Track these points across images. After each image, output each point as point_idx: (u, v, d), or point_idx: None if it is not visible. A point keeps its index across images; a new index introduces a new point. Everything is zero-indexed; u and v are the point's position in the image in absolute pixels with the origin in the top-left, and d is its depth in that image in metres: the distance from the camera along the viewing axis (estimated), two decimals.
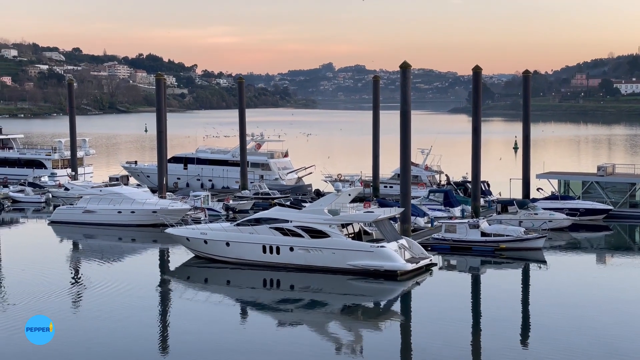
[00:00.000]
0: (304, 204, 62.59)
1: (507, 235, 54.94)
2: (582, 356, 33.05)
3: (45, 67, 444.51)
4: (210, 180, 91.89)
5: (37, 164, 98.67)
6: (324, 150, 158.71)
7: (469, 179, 72.65)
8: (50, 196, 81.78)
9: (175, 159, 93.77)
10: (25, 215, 76.38)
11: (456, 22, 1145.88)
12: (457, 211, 67.07)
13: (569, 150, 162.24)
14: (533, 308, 42.11)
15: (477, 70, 67.62)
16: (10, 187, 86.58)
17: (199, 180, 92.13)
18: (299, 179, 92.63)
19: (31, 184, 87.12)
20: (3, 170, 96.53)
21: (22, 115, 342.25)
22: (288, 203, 67.37)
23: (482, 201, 69.29)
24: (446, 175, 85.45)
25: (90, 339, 35.39)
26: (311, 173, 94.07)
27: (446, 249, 54.88)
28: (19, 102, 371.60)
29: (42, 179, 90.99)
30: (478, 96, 68.69)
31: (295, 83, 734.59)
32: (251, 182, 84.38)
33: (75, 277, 49.75)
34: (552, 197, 69.38)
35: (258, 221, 51.16)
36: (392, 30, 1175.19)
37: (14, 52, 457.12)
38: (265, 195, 78.09)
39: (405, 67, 58.54)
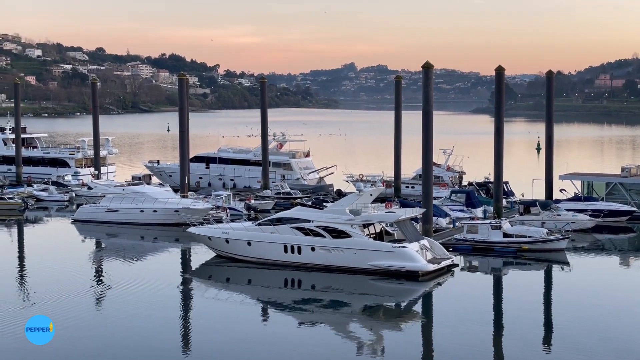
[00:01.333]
0: (325, 204, 62.56)
1: (529, 237, 54.64)
2: None
3: (69, 66, 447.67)
4: (232, 180, 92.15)
5: (61, 163, 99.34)
6: (346, 150, 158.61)
7: (491, 179, 72.32)
8: (74, 195, 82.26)
9: (197, 159, 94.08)
10: (48, 213, 76.93)
11: (479, 22, 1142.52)
12: (479, 212, 66.80)
13: (593, 151, 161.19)
14: (555, 310, 41.88)
15: (500, 70, 67.29)
16: (34, 185, 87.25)
17: (221, 179, 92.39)
18: (321, 178, 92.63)
19: (55, 183, 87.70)
20: (27, 169, 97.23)
21: (46, 115, 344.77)
22: (309, 203, 67.32)
23: (504, 202, 68.94)
24: (460, 175, 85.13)
25: (112, 337, 35.58)
26: (333, 173, 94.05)
27: (468, 249, 54.67)
28: (43, 101, 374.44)
29: (66, 177, 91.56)
30: (501, 96, 68.31)
31: (317, 83, 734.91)
32: (273, 182, 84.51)
33: (98, 275, 50.05)
34: (575, 198, 68.92)
35: (279, 221, 51.22)
36: (414, 30, 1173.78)
37: (38, 52, 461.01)
38: (287, 195, 78.16)
39: (427, 67, 58.39)
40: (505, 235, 55.01)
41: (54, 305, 40.23)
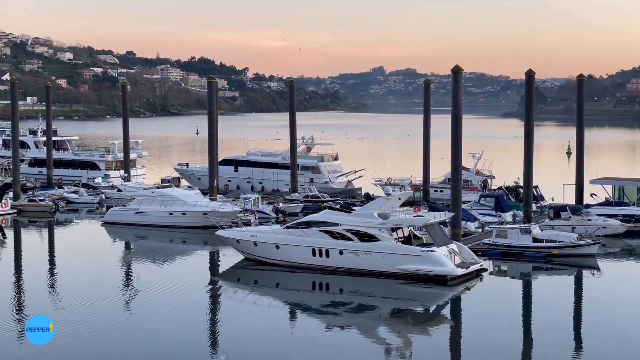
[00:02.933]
0: (353, 208, 62.43)
1: (559, 242, 54.15)
2: None
3: (99, 70, 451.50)
4: (260, 183, 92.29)
5: (91, 166, 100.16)
6: (375, 153, 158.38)
7: (521, 183, 71.79)
8: (104, 197, 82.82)
9: (226, 162, 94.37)
10: (79, 215, 77.53)
11: (509, 25, 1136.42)
12: (508, 216, 66.33)
13: (624, 156, 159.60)
14: (585, 316, 41.45)
15: (530, 74, 66.80)
16: (65, 187, 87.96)
17: (250, 182, 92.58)
18: (349, 182, 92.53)
19: (85, 185, 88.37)
20: (58, 171, 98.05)
21: (77, 118, 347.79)
22: (338, 206, 67.16)
23: (534, 206, 68.42)
24: (484, 180, 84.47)
25: (140, 339, 35.77)
26: (361, 176, 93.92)
27: (497, 254, 54.28)
28: (74, 104, 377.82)
29: (96, 180, 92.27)
30: (531, 100, 67.78)
31: (345, 86, 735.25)
32: (301, 185, 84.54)
33: (127, 277, 50.35)
34: (606, 203, 68.20)
35: (308, 224, 51.19)
36: (443, 34, 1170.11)
37: (69, 55, 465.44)
38: (315, 198, 78.14)
39: (456, 70, 58.14)
40: (535, 240, 54.57)
41: (84, 307, 40.48)
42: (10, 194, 77.61)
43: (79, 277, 48.50)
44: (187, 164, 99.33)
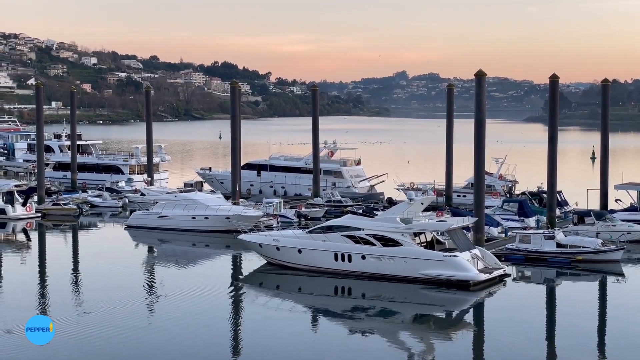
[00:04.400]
0: (376, 212, 62.38)
1: (583, 247, 53.75)
2: None
3: (123, 74, 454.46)
4: (283, 187, 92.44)
5: (115, 170, 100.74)
6: (397, 158, 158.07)
7: (544, 188, 71.38)
8: (127, 201, 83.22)
9: (249, 166, 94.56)
10: (102, 219, 77.97)
11: (533, 29, 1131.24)
12: (531, 221, 65.97)
13: None
14: (610, 323, 41.08)
15: (554, 78, 66.44)
16: (89, 191, 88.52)
17: (272, 187, 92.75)
18: (372, 187, 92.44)
19: (109, 189, 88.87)
20: (82, 175, 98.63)
21: (101, 122, 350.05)
22: (360, 211, 67.22)
23: (558, 212, 68.00)
24: (510, 187, 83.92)
25: (161, 343, 35.88)
26: (384, 181, 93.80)
27: (520, 259, 53.97)
28: (98, 109, 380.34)
29: (119, 184, 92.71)
30: (555, 105, 67.38)
31: (368, 91, 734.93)
32: (323, 190, 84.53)
33: (149, 281, 50.55)
34: (631, 208, 67.63)
35: (330, 229, 51.16)
36: (466, 38, 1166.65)
37: (94, 60, 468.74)
38: (338, 202, 78.10)
39: (480, 75, 57.96)
40: (559, 245, 54.19)
41: (107, 310, 40.69)
42: (35, 198, 78.26)
43: (102, 280, 48.76)
44: (209, 168, 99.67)
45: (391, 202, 75.20)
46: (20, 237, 68.83)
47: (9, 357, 33.21)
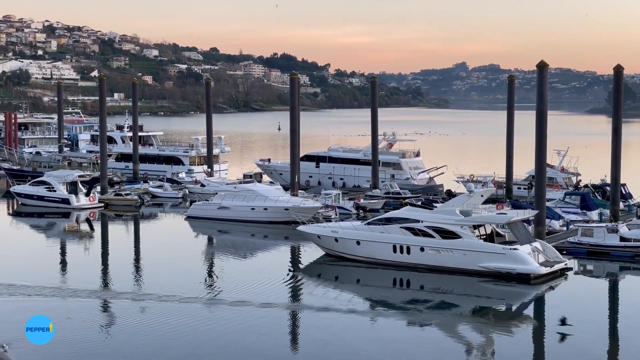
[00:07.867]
0: (435, 204, 61.97)
1: None
2: None
3: (184, 66, 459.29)
4: (341, 179, 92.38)
5: (175, 161, 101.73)
6: (456, 150, 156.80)
7: (608, 181, 70.06)
8: (187, 192, 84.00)
9: (308, 157, 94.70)
10: (163, 210, 78.94)
11: (595, 18, 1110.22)
12: (594, 215, 64.80)
13: None
14: None
15: (618, 69, 65.07)
16: (150, 182, 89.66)
17: (331, 178, 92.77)
18: (431, 179, 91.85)
19: (169, 180, 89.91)
20: (144, 166, 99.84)
21: (162, 113, 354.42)
22: (419, 203, 66.85)
23: (621, 205, 66.70)
24: (569, 179, 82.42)
25: (219, 333, 36.21)
26: (443, 173, 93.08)
27: (582, 253, 53.06)
28: (159, 100, 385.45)
29: (180, 175, 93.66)
30: (619, 96, 66.08)
31: (427, 82, 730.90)
32: (382, 182, 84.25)
33: (209, 272, 51.12)
34: None
35: (389, 220, 51.00)
36: (527, 29, 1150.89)
37: (155, 52, 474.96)
38: (396, 194, 77.81)
39: (542, 66, 57.04)
40: (623, 239, 53.13)
41: (167, 301, 41.23)
42: (98, 188, 79.64)
43: (162, 270, 49.56)
44: (269, 160, 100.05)
45: (450, 194, 74.66)
46: (84, 226, 70.16)
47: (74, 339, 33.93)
